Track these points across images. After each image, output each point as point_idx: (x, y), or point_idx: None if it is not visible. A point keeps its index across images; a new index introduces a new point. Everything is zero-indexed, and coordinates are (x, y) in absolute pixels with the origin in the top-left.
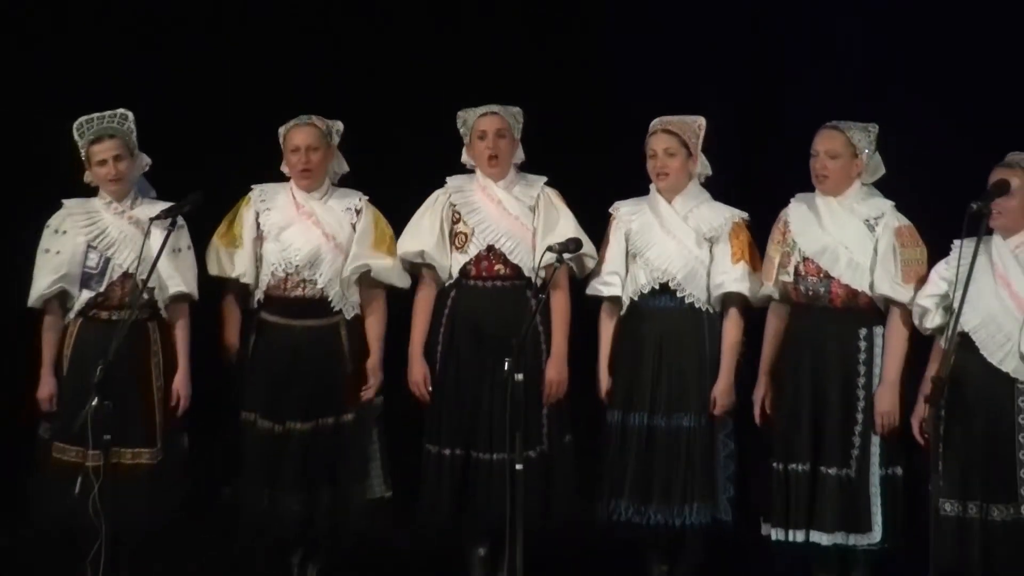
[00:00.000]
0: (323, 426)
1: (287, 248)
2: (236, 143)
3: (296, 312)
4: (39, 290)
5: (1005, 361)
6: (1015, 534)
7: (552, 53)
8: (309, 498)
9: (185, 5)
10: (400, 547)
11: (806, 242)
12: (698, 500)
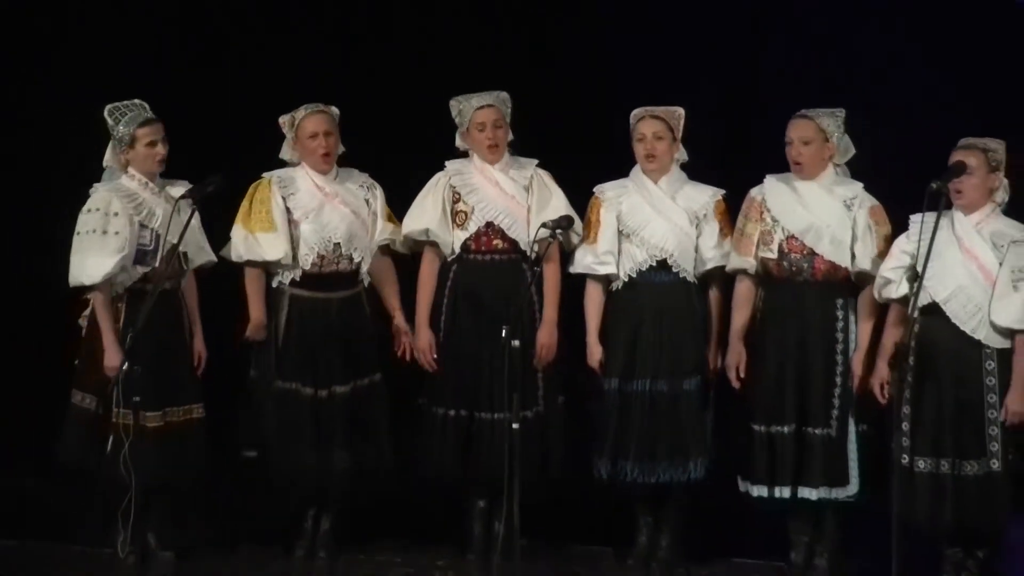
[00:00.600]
0: (360, 387)
1: (325, 227)
2: (234, 133)
3: (330, 286)
4: (104, 270)
5: (977, 329)
6: (987, 487)
7: (538, 44)
8: (354, 454)
9: (186, 6)
10: (402, 500)
11: (791, 221)
12: (700, 456)
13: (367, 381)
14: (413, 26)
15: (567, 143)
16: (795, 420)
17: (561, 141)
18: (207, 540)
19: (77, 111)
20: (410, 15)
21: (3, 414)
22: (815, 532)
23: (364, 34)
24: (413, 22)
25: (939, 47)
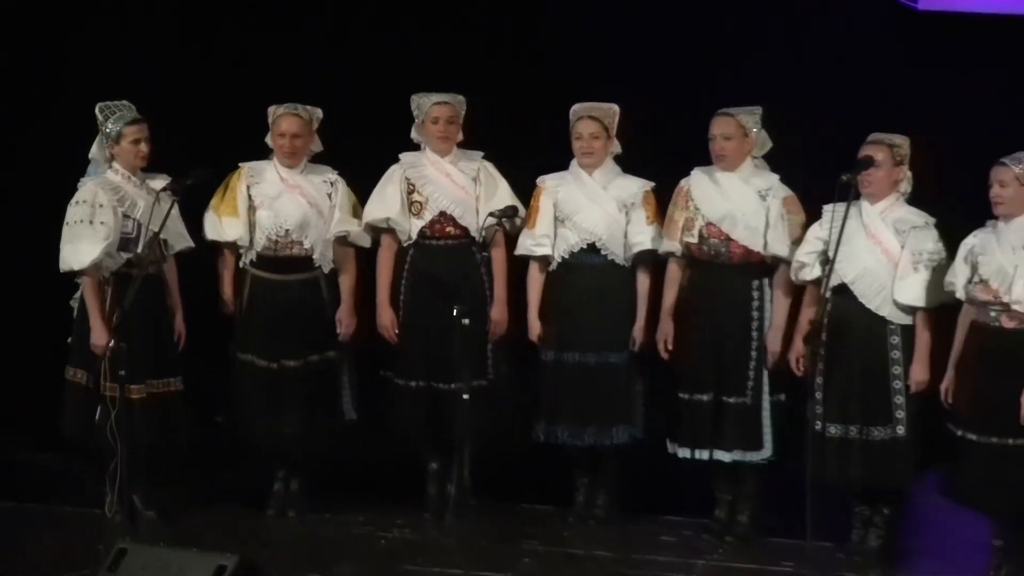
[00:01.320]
0: (311, 363)
1: (279, 215)
2: (221, 129)
3: (285, 268)
4: (91, 257)
5: (882, 307)
6: (891, 450)
7: (495, 50)
8: (306, 423)
9: (183, 9)
10: (366, 461)
11: (710, 209)
12: (622, 423)
13: (318, 358)
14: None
15: (518, 137)
16: (713, 389)
17: (513, 135)
18: (187, 501)
19: (76, 108)
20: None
21: (5, 385)
22: (737, 491)
23: (348, 37)
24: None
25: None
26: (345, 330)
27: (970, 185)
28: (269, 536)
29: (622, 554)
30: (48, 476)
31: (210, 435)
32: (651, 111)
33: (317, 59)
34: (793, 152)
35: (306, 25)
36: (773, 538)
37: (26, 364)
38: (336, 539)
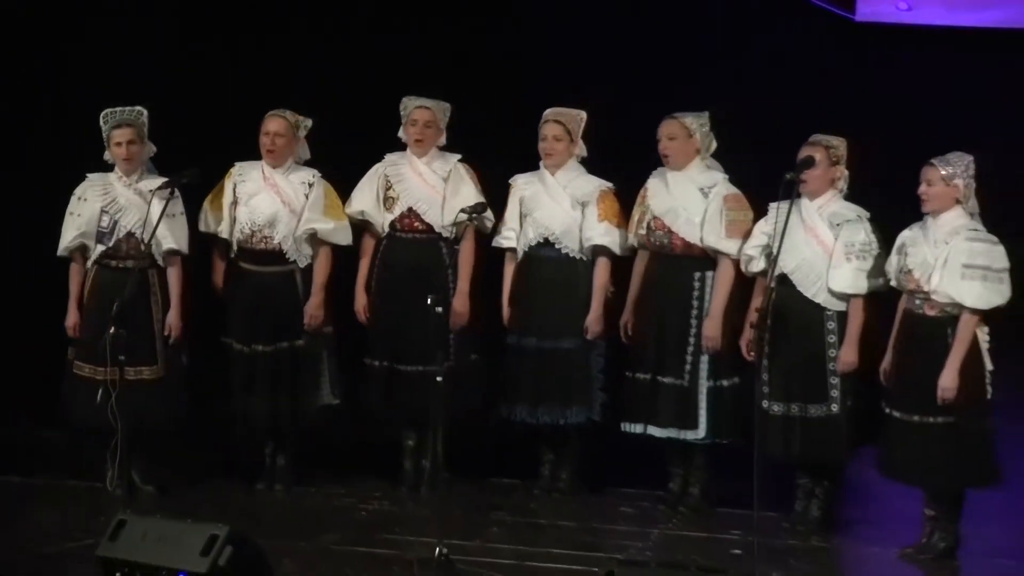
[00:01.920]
0: (281, 349)
1: (252, 211)
2: (223, 135)
3: (261, 260)
4: (64, 243)
5: (818, 295)
6: (828, 427)
7: (476, 57)
8: (275, 404)
9: (187, 22)
10: (348, 440)
11: (656, 204)
12: (577, 404)
13: (287, 345)
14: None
15: (498, 139)
16: (653, 369)
17: (494, 138)
18: (183, 476)
19: (81, 109)
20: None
21: (10, 368)
22: (689, 466)
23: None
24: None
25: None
26: (310, 321)
27: (906, 182)
28: (258, 508)
29: (583, 524)
30: (53, 453)
31: (204, 415)
32: (619, 117)
33: (313, 66)
34: (743, 153)
35: (304, 34)
36: (722, 508)
37: (31, 349)
38: (320, 510)
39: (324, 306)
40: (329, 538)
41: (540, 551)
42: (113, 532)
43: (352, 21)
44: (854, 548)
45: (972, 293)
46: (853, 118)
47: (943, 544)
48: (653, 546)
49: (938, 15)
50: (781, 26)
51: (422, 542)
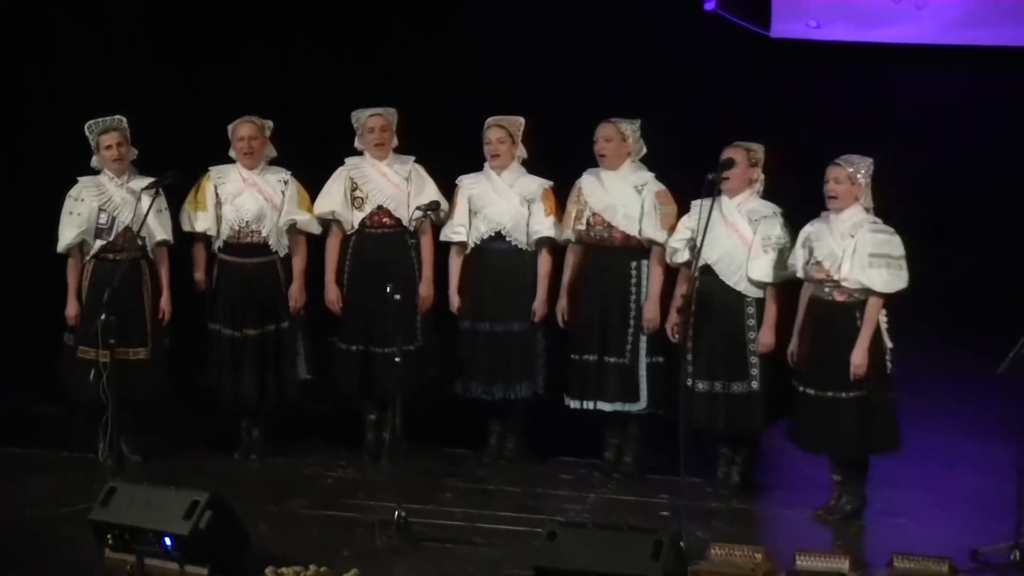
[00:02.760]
0: (268, 331)
1: (240, 209)
2: (196, 140)
3: (246, 253)
4: (66, 240)
5: (739, 283)
6: (747, 401)
7: (421, 66)
8: (264, 380)
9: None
10: (316, 413)
11: (595, 202)
12: (526, 380)
13: (274, 327)
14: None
15: (443, 143)
16: (598, 351)
17: (438, 141)
18: (166, 446)
19: (72, 119)
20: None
21: (9, 352)
22: (623, 436)
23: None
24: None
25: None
26: (295, 304)
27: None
28: (234, 476)
29: (528, 489)
30: (49, 427)
31: (186, 391)
32: (554, 123)
33: (274, 82)
34: (668, 155)
35: (264, 53)
36: (653, 475)
37: (30, 333)
38: (290, 478)
39: (302, 290)
40: (298, 502)
41: (488, 514)
42: (104, 498)
43: (304, 38)
44: (770, 510)
45: (880, 279)
46: (768, 124)
47: (849, 506)
48: (590, 509)
49: (844, 32)
50: (705, 41)
51: (382, 506)
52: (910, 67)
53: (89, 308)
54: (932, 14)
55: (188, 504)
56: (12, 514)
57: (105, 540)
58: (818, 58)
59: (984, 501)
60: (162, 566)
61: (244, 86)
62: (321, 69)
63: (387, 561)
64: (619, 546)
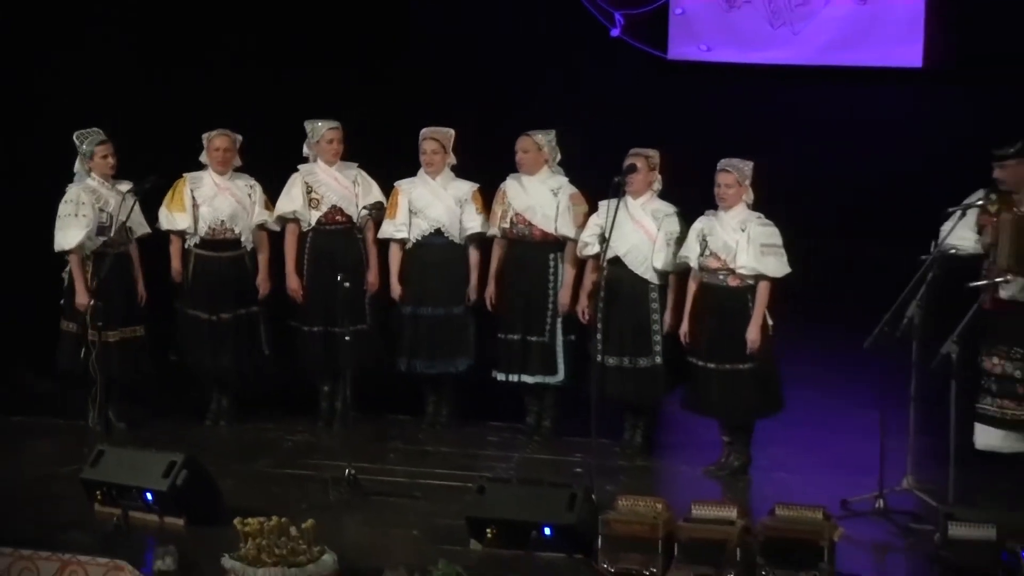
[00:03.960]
0: (240, 315)
1: (216, 210)
2: (168, 148)
3: (220, 248)
4: (77, 239)
5: (645, 272)
6: (650, 374)
7: (363, 84)
8: (236, 357)
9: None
10: (277, 385)
11: (517, 203)
12: (463, 356)
13: (244, 311)
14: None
15: (381, 151)
16: (522, 331)
17: (377, 150)
18: (149, 415)
19: (61, 130)
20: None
21: (16, 332)
22: (542, 404)
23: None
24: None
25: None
26: (263, 291)
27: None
28: (206, 440)
29: (460, 450)
30: (47, 398)
31: (163, 367)
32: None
33: (238, 96)
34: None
35: (225, 70)
36: (568, 437)
37: (30, 317)
38: (255, 442)
39: (268, 280)
40: (262, 463)
41: (426, 471)
42: (94, 460)
43: (261, 59)
44: (669, 467)
45: (771, 266)
46: (666, 134)
47: (737, 463)
48: (514, 467)
49: (731, 54)
50: (610, 63)
51: (335, 465)
52: (788, 84)
53: (98, 295)
54: (807, 39)
55: (166, 464)
56: (13, 474)
57: (95, 496)
58: (709, 77)
59: (853, 458)
60: (144, 518)
61: (206, 102)
62: (276, 85)
63: (339, 513)
64: (539, 498)
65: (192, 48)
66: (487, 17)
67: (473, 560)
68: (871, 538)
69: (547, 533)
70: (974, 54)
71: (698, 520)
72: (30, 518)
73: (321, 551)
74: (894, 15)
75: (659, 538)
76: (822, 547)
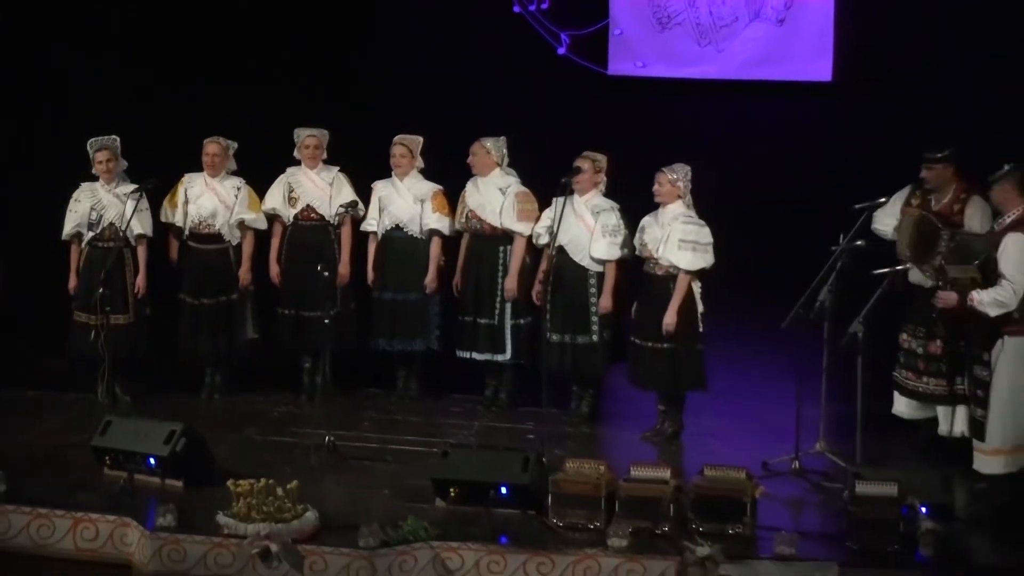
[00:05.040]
0: (221, 301)
1: (200, 208)
2: (170, 154)
3: (206, 241)
4: (66, 231)
5: (583, 260)
6: (591, 350)
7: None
8: (217, 339)
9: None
10: (264, 362)
11: (471, 201)
12: (420, 337)
13: (226, 298)
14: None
15: (363, 157)
16: (474, 313)
17: (360, 155)
18: (150, 389)
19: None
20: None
21: (34, 316)
22: (499, 379)
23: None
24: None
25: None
26: (243, 281)
27: (637, 184)
28: (202, 411)
29: (427, 419)
30: (57, 374)
31: (163, 347)
32: (447, 141)
33: (230, 106)
34: (532, 164)
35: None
36: (522, 408)
37: (41, 303)
38: (244, 412)
39: (250, 271)
40: (251, 432)
41: (397, 438)
42: (102, 429)
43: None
44: (611, 433)
45: (685, 260)
46: (608, 140)
47: (671, 430)
48: (474, 434)
49: (664, 70)
50: (559, 78)
51: (316, 433)
52: (714, 97)
53: (84, 282)
54: (730, 56)
55: (167, 433)
56: (31, 442)
57: (104, 461)
58: (644, 91)
59: (773, 425)
60: (147, 480)
61: (208, 111)
62: (271, 97)
63: (319, 475)
64: (496, 461)
65: (198, 65)
66: (450, 39)
67: (438, 516)
68: (788, 495)
69: (503, 492)
70: (876, 69)
71: (636, 480)
72: (46, 481)
73: (304, 509)
74: (807, 35)
75: (602, 496)
76: (745, 503)
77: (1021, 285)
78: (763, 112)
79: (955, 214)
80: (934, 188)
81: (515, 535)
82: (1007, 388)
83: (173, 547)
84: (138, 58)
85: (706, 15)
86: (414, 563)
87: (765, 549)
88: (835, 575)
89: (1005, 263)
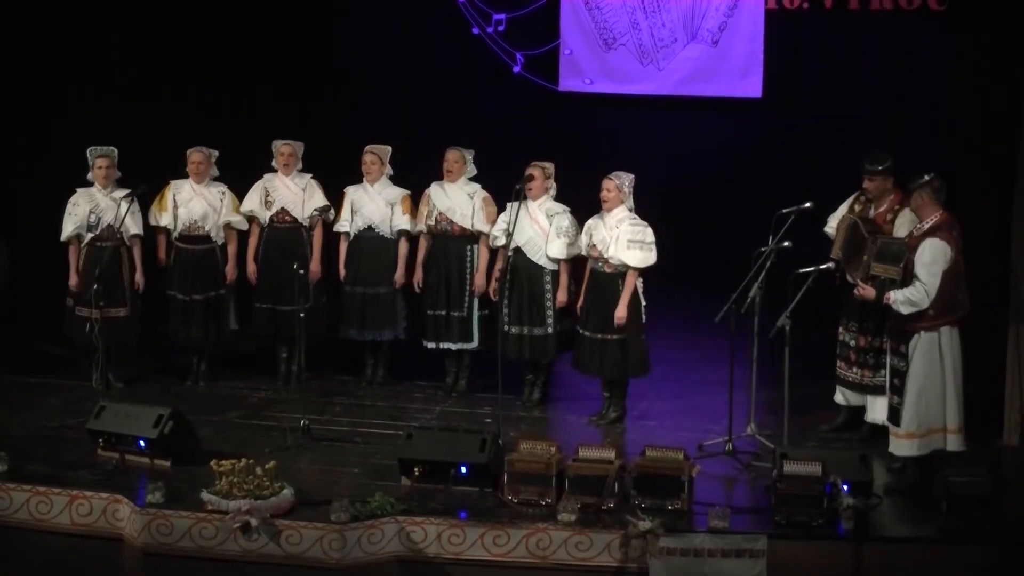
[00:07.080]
0: (208, 296)
1: (191, 212)
2: (160, 161)
3: (195, 242)
4: (66, 232)
5: (540, 259)
6: (544, 341)
7: (324, 112)
8: (204, 330)
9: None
10: (243, 351)
11: (440, 204)
12: (388, 327)
13: (213, 294)
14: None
15: (336, 163)
16: (444, 307)
17: (330, 162)
18: (140, 376)
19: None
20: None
21: (34, 310)
22: (459, 366)
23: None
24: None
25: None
26: (229, 277)
27: (585, 190)
28: (188, 396)
29: (392, 404)
30: (56, 362)
31: (152, 338)
32: (405, 151)
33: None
34: (490, 172)
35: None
36: (479, 394)
37: (43, 297)
38: (226, 397)
39: (234, 268)
40: (232, 415)
41: (366, 421)
42: (97, 413)
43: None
44: (560, 417)
45: (634, 258)
46: (557, 151)
47: (614, 414)
48: (437, 418)
49: (609, 87)
50: (513, 94)
51: (292, 417)
52: (654, 111)
53: (84, 280)
54: (668, 74)
55: (156, 416)
56: (31, 425)
57: (98, 442)
58: (591, 105)
59: (708, 410)
60: (138, 460)
61: (192, 122)
62: (251, 110)
63: (295, 455)
64: (457, 442)
65: (186, 80)
66: (414, 59)
67: (403, 493)
68: (722, 473)
69: (463, 471)
70: (803, 87)
71: (584, 460)
72: (45, 461)
73: (281, 486)
74: (738, 54)
75: (553, 474)
76: (683, 481)
77: (932, 286)
78: (699, 125)
79: (887, 223)
80: (873, 197)
81: (473, 510)
82: (921, 377)
83: (161, 522)
84: (127, 75)
85: (648, 37)
86: (381, 536)
87: (700, 523)
88: (764, 546)
89: (919, 266)
